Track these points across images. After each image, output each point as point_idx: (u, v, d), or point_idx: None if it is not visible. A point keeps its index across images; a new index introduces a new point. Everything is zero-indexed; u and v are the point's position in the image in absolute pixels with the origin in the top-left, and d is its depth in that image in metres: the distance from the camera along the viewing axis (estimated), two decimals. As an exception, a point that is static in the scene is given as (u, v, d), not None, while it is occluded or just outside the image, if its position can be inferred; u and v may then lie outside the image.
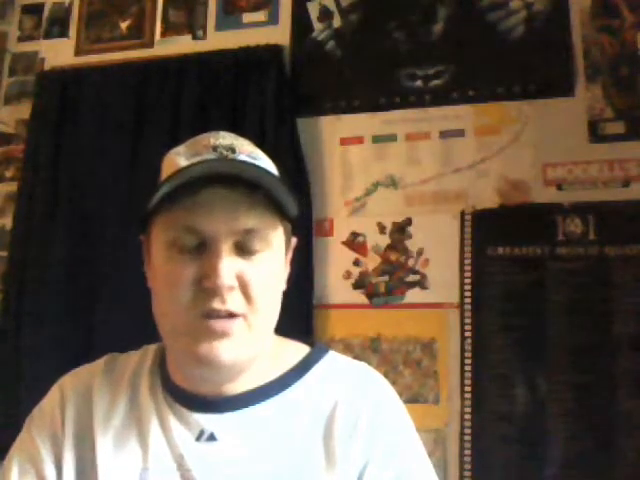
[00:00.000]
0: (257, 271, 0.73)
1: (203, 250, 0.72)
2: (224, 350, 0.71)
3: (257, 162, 0.76)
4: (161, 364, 0.83)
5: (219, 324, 0.71)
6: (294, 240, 0.82)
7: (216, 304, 0.70)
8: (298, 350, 0.84)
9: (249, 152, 0.77)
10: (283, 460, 0.73)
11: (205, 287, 0.70)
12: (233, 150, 0.75)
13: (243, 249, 0.72)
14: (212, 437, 0.75)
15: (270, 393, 0.77)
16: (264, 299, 0.73)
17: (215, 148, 0.74)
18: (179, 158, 0.76)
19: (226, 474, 0.73)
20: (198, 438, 0.75)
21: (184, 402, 0.77)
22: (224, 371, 0.74)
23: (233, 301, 0.71)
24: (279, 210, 0.75)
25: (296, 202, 0.75)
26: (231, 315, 0.71)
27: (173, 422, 0.76)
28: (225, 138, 0.77)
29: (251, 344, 0.74)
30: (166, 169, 0.78)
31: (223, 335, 0.71)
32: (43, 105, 2.43)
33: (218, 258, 0.70)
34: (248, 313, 0.72)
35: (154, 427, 0.76)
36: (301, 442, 0.75)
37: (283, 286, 0.80)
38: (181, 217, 0.72)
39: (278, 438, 0.75)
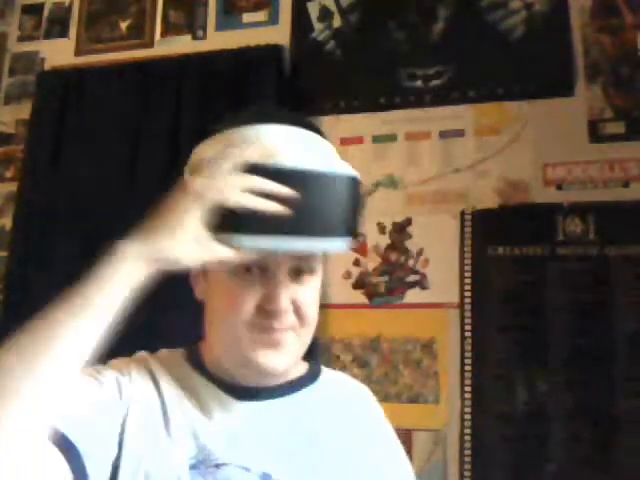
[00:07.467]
0: (307, 293, 0.85)
1: (264, 273, 0.81)
2: (278, 359, 0.83)
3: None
4: (192, 362, 0.89)
5: (275, 337, 0.82)
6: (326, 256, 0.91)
7: (274, 324, 0.82)
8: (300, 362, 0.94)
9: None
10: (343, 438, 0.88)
11: (266, 309, 0.81)
12: None
13: (297, 273, 0.83)
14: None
15: (297, 388, 0.90)
16: (311, 315, 0.86)
17: None
18: None
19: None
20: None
21: (228, 392, 0.86)
22: (273, 375, 0.85)
23: (287, 320, 0.83)
24: None
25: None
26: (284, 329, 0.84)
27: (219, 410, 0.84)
28: None
29: (298, 352, 0.86)
30: None
31: (278, 346, 0.82)
32: (43, 105, 2.43)
33: (277, 285, 0.81)
34: (298, 327, 0.84)
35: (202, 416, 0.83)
36: (341, 425, 0.90)
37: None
38: None
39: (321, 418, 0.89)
